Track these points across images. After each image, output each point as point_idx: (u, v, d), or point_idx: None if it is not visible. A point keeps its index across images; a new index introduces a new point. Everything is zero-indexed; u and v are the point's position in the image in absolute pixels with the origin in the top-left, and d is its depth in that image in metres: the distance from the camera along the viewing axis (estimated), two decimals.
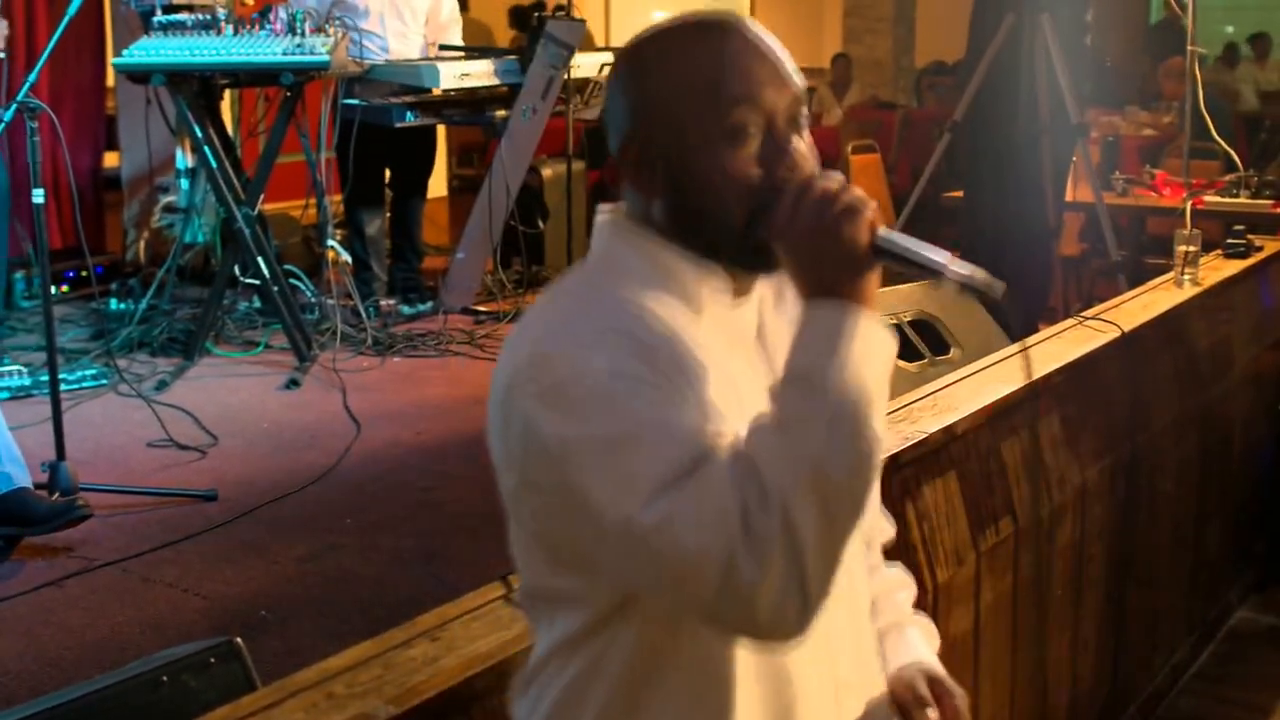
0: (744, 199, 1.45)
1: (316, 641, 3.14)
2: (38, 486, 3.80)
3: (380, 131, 6.18)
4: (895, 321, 3.59)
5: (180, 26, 5.58)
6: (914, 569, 2.70)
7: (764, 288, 1.56)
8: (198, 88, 5.72)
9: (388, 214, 6.99)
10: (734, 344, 1.51)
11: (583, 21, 6.45)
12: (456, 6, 6.94)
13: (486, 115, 6.47)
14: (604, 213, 1.57)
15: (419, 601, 3.25)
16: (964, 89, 5.64)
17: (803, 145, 1.48)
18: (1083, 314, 3.89)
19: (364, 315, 5.98)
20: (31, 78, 4.11)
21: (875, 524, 1.79)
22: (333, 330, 5.81)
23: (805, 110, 1.51)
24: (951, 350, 3.70)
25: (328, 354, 5.64)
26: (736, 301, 1.53)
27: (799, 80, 1.50)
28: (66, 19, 4.22)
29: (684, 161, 1.47)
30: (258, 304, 6.16)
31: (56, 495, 3.78)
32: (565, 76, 6.21)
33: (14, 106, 3.89)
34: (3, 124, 3.85)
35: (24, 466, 3.79)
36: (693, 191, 1.47)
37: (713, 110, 1.45)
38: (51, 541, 3.74)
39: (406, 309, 6.43)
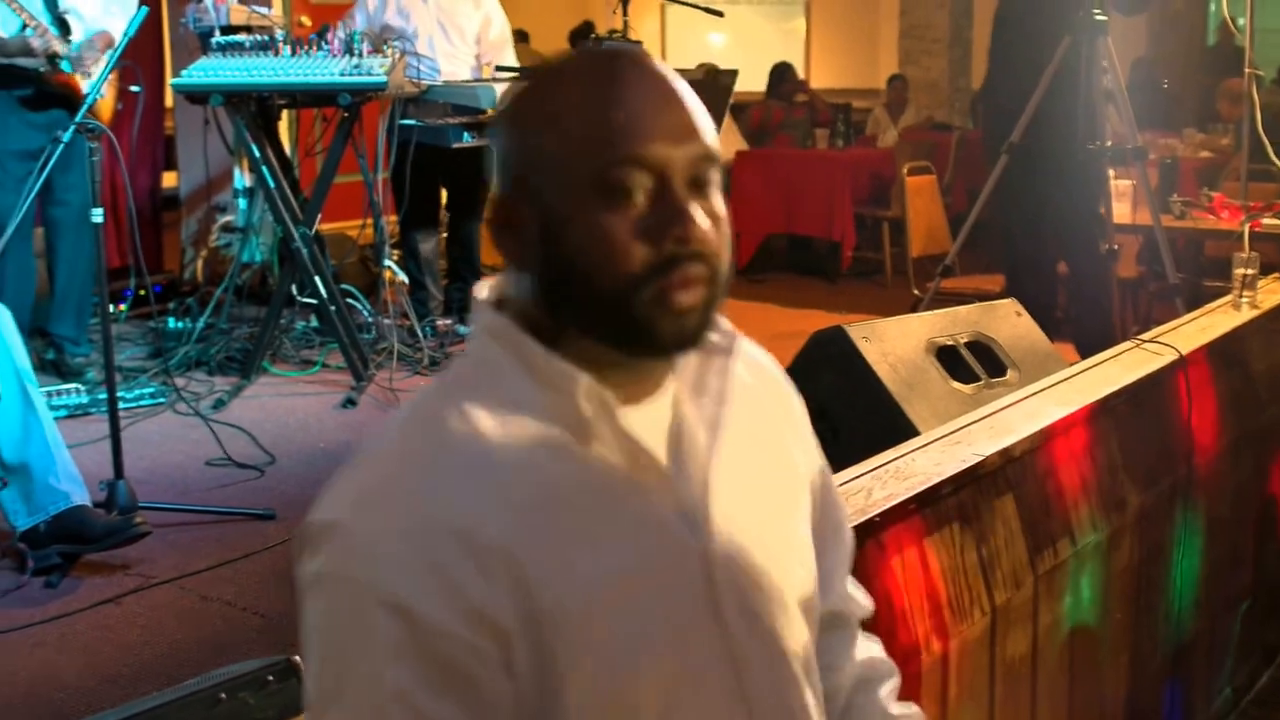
0: (620, 272, 1.22)
1: None
2: (96, 504, 3.84)
3: (436, 152, 6.22)
4: (951, 343, 3.57)
5: (238, 47, 5.64)
6: (972, 592, 2.70)
7: (676, 378, 1.33)
8: (255, 108, 5.77)
9: (444, 234, 7.03)
10: (635, 464, 1.27)
11: (639, 44, 6.47)
12: (507, 25, 6.97)
13: None
14: (483, 301, 1.32)
15: None
16: (991, 111, 5.64)
17: (702, 212, 1.24)
18: (1140, 336, 3.86)
19: (420, 335, 6.01)
20: (90, 98, 4.16)
21: (840, 603, 1.59)
22: (389, 350, 5.84)
23: (715, 170, 1.27)
24: (1008, 372, 3.68)
25: (384, 373, 5.66)
26: (639, 405, 1.29)
27: (709, 134, 1.27)
28: (125, 39, 4.27)
29: (557, 224, 1.23)
30: (314, 323, 6.21)
31: (115, 513, 3.82)
32: None
33: (72, 127, 3.94)
34: (62, 144, 3.89)
35: (82, 484, 3.83)
36: (564, 260, 1.23)
37: (590, 163, 1.22)
38: (109, 559, 3.78)
39: (463, 329, 6.46)
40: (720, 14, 6.76)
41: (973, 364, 3.61)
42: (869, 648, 1.62)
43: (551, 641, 1.19)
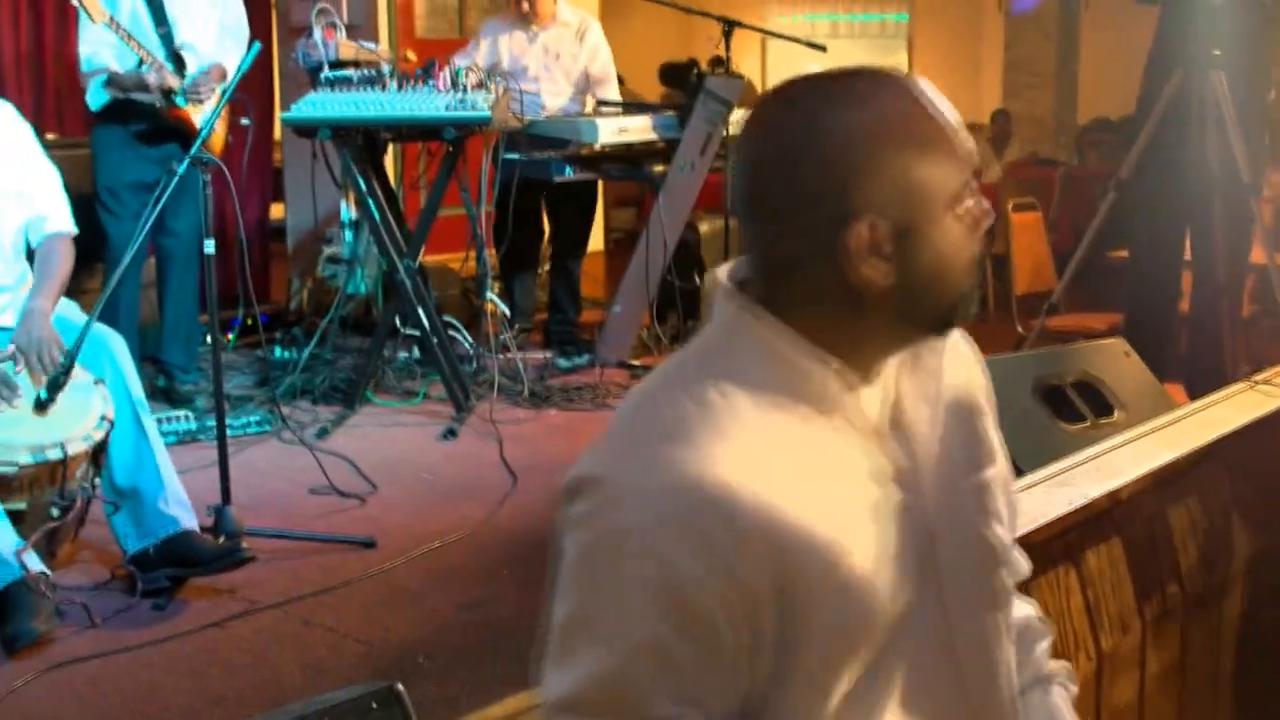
0: (968, 271, 1.39)
1: (474, 690, 3.17)
2: (203, 529, 3.89)
3: (540, 186, 6.27)
4: (1057, 383, 3.53)
5: (346, 82, 5.71)
6: (1077, 636, 2.66)
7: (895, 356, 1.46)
8: (362, 141, 5.83)
9: (545, 267, 7.08)
10: (867, 436, 1.40)
11: (741, 78, 6.49)
12: (611, 60, 7.03)
13: (644, 170, 6.51)
14: (732, 293, 1.42)
15: None
16: (1130, 146, 5.55)
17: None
18: (1253, 377, 3.79)
19: (520, 367, 6.04)
20: (204, 131, 4.23)
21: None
22: (490, 381, 5.87)
23: None
24: (1115, 412, 3.63)
25: (485, 405, 5.70)
26: (871, 382, 1.42)
27: None
28: (238, 74, 4.35)
29: (918, 238, 1.34)
30: (417, 354, 6.26)
31: (221, 538, 3.87)
32: (724, 132, 6.23)
33: (187, 160, 4.00)
34: (177, 176, 3.96)
35: (191, 510, 3.89)
36: (925, 270, 1.36)
37: (948, 180, 1.35)
38: (215, 583, 3.83)
39: (563, 362, 6.48)
40: (823, 48, 6.76)
41: (1079, 404, 3.57)
42: (1024, 608, 1.70)
43: (797, 595, 1.31)
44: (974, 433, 1.53)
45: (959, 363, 1.54)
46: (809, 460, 1.35)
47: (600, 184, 7.30)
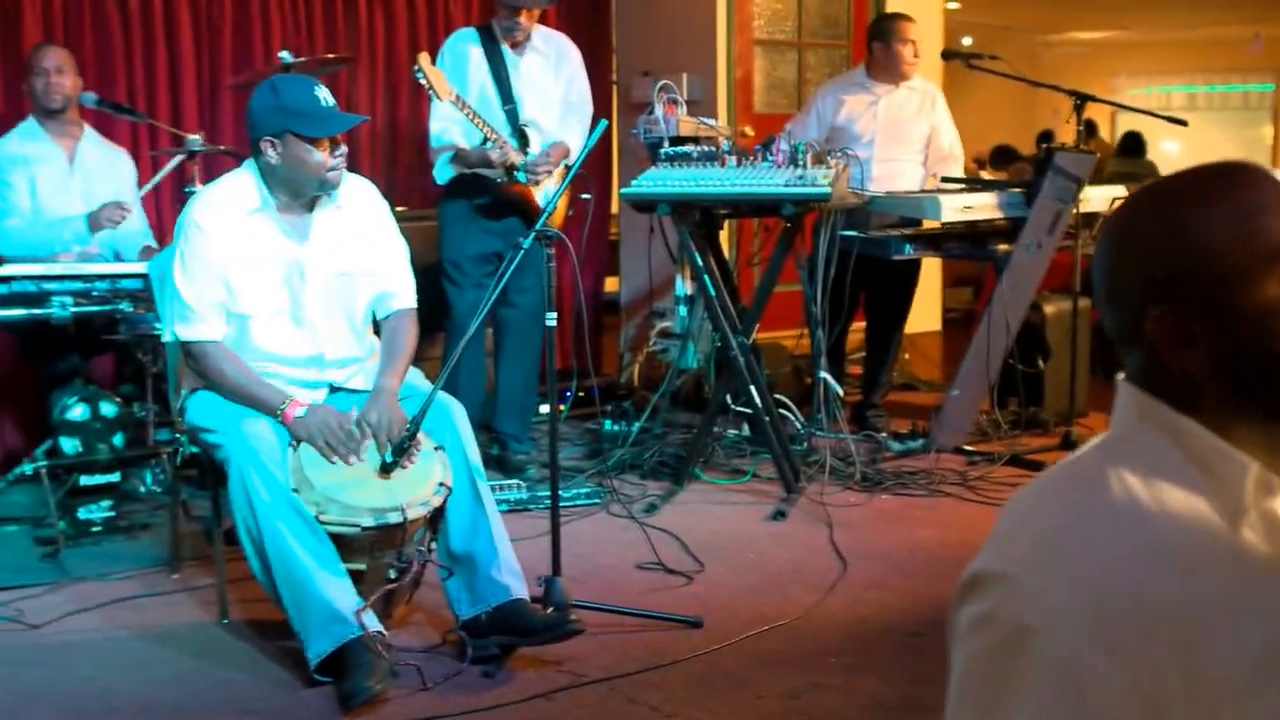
0: None
1: None
2: (532, 599, 3.90)
3: (868, 262, 6.17)
4: None
5: (685, 158, 5.72)
6: None
7: None
8: (699, 217, 5.84)
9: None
10: (1276, 550, 1.32)
11: (1093, 154, 6.24)
12: (958, 139, 6.86)
13: (987, 249, 6.31)
14: (1132, 390, 1.41)
15: None
16: None
17: None
18: None
19: (852, 449, 5.91)
20: (550, 207, 4.30)
21: None
22: (821, 463, 5.76)
23: None
24: None
25: (815, 487, 5.59)
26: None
27: None
28: (585, 150, 4.40)
29: (1251, 324, 1.32)
30: (747, 432, 6.20)
31: (550, 609, 3.86)
32: (1073, 210, 6.00)
33: (532, 235, 4.05)
34: (522, 250, 4.01)
35: (522, 579, 3.91)
36: (1266, 354, 1.32)
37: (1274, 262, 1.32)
38: (543, 654, 3.83)
39: (895, 445, 6.32)
40: (1184, 123, 6.45)
41: None
42: None
43: (1211, 707, 1.24)
44: None
45: None
46: (1215, 569, 1.28)
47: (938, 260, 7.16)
